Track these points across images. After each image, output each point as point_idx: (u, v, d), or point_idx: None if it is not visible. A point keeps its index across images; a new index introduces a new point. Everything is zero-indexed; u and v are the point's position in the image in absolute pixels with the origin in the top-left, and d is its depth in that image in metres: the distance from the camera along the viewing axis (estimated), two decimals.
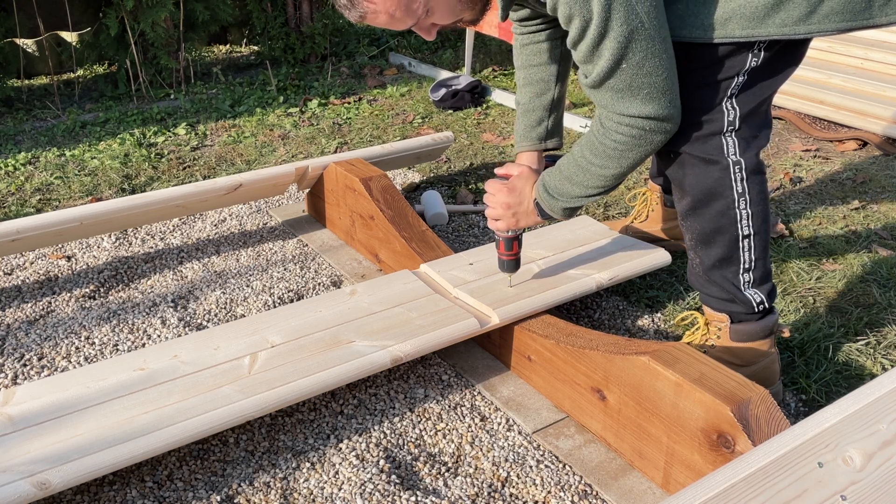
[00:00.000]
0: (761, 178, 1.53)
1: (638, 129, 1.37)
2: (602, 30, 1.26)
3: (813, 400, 1.69)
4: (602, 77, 1.33)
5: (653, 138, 1.39)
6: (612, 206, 2.61)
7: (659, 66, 1.31)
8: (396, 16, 1.35)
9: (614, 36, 1.27)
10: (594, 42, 1.29)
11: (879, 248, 2.30)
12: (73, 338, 1.87)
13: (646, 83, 1.32)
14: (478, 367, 1.77)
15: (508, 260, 1.73)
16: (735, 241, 1.53)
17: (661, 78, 1.32)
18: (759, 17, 1.34)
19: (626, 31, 1.26)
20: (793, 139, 3.27)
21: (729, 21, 1.35)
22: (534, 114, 1.79)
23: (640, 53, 1.29)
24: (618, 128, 1.39)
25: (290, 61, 4.41)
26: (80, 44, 3.79)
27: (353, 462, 1.49)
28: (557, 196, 1.53)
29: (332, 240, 2.39)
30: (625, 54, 1.29)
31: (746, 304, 1.58)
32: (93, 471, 1.26)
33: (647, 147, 1.41)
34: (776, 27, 1.35)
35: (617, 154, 1.42)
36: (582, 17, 1.26)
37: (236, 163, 3.02)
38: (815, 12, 1.33)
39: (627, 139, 1.39)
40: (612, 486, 1.44)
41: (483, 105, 3.73)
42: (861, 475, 1.03)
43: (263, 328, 1.63)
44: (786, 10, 1.33)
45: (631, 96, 1.34)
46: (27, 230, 2.01)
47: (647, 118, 1.36)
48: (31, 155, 3.05)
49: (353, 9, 1.35)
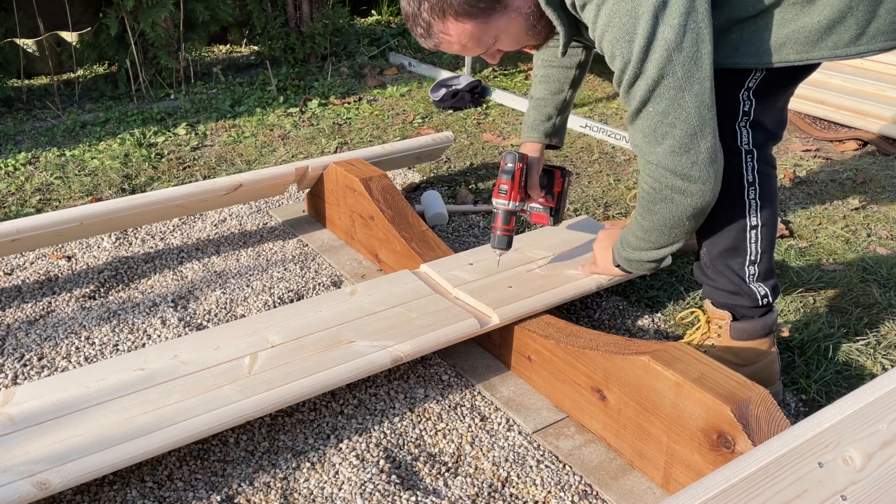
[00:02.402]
0: (772, 172, 1.56)
1: (658, 182, 1.40)
2: (637, 71, 1.30)
3: (813, 400, 1.69)
4: (632, 116, 1.38)
5: (672, 196, 1.40)
6: (613, 206, 2.61)
7: (684, 121, 1.32)
8: (468, 46, 1.45)
9: (645, 78, 1.30)
10: (630, 82, 1.33)
11: (879, 248, 2.30)
12: (73, 338, 1.87)
13: (669, 133, 1.34)
14: (478, 367, 1.77)
15: (502, 235, 1.74)
16: (743, 230, 1.55)
17: (686, 134, 1.33)
18: (813, 42, 1.36)
19: (656, 76, 1.29)
20: (793, 139, 3.27)
21: (783, 47, 1.37)
22: (546, 109, 1.87)
23: (666, 102, 1.31)
24: (644, 175, 1.43)
25: (290, 61, 4.41)
26: (80, 44, 3.79)
27: (353, 462, 1.49)
28: (625, 244, 1.62)
29: (332, 240, 2.39)
30: (651, 98, 1.32)
31: (751, 296, 1.59)
32: (93, 471, 1.26)
33: (669, 206, 1.42)
34: (829, 50, 1.37)
35: (645, 203, 1.46)
36: (622, 58, 1.30)
37: (236, 163, 3.02)
38: (864, 34, 1.36)
39: (650, 189, 1.43)
40: (612, 486, 1.44)
41: (483, 105, 3.73)
42: (861, 475, 1.03)
43: (263, 328, 1.63)
44: (837, 34, 1.35)
45: (656, 143, 1.37)
46: (27, 230, 2.01)
47: (666, 170, 1.38)
48: (31, 155, 3.05)
49: (430, 38, 1.45)
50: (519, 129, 3.39)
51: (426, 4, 1.39)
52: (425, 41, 1.47)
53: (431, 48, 1.49)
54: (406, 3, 1.43)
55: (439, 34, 1.43)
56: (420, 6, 1.40)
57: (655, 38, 1.26)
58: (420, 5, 1.40)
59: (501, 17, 1.41)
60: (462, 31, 1.41)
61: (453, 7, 1.38)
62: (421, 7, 1.40)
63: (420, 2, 1.40)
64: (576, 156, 3.06)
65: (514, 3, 1.41)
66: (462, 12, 1.38)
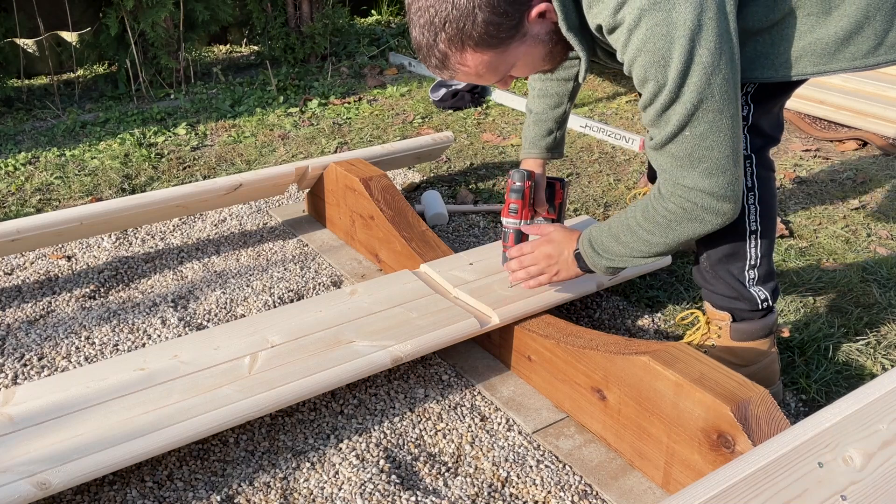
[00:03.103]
0: (770, 176, 1.56)
1: (690, 203, 1.37)
2: (674, 96, 1.27)
3: (813, 400, 1.69)
4: (664, 141, 1.34)
5: (704, 216, 1.38)
6: (613, 205, 2.61)
7: (721, 143, 1.30)
8: (484, 75, 1.40)
9: (683, 102, 1.27)
10: (663, 107, 1.29)
11: (879, 248, 2.30)
12: (73, 338, 1.87)
13: (706, 156, 1.32)
14: (478, 367, 1.77)
15: None
16: (742, 235, 1.55)
17: (723, 155, 1.31)
18: (830, 54, 1.35)
19: (696, 99, 1.26)
20: (793, 139, 3.27)
21: (800, 59, 1.36)
22: (545, 124, 1.88)
23: (705, 125, 1.29)
24: (672, 197, 1.38)
25: (290, 61, 4.41)
26: (80, 44, 3.79)
27: (353, 462, 1.49)
28: (602, 252, 1.53)
29: (332, 240, 2.39)
30: (689, 122, 1.29)
31: (751, 301, 1.59)
32: (93, 471, 1.26)
33: (697, 225, 1.39)
34: (846, 61, 1.36)
35: (665, 223, 1.41)
36: (656, 82, 1.27)
37: (236, 163, 3.02)
38: (882, 44, 1.35)
39: (679, 210, 1.39)
40: (612, 486, 1.44)
41: (483, 105, 3.73)
42: (861, 475, 1.03)
43: (263, 328, 1.63)
44: (855, 45, 1.34)
45: (690, 167, 1.34)
46: (27, 230, 2.01)
47: (702, 192, 1.35)
48: (31, 155, 3.05)
49: (445, 69, 1.39)
50: (519, 129, 3.39)
51: (443, 35, 1.31)
52: (440, 72, 1.41)
53: (446, 79, 1.45)
54: (419, 33, 1.34)
55: (456, 65, 1.37)
56: (436, 37, 1.32)
57: (693, 62, 1.23)
58: (436, 36, 1.32)
59: (520, 45, 1.35)
60: (480, 61, 1.35)
61: (473, 38, 1.31)
62: (437, 38, 1.32)
63: (436, 33, 1.32)
64: (576, 156, 3.06)
65: (532, 30, 1.35)
66: (481, 43, 1.31)
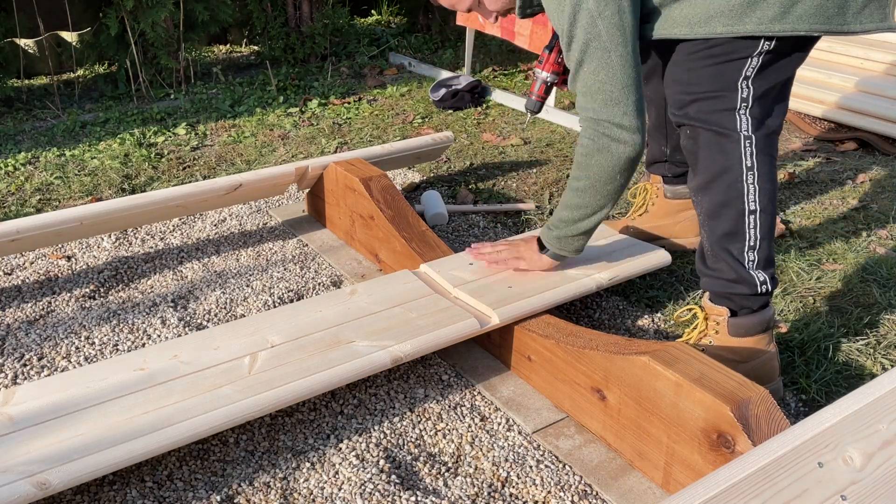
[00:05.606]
0: (771, 160, 1.61)
1: (596, 132, 1.53)
2: (569, 38, 1.50)
3: (813, 400, 1.69)
4: (572, 79, 1.55)
5: (609, 145, 1.52)
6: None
7: (612, 78, 1.48)
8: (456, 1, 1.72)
9: (576, 41, 1.49)
10: (566, 48, 1.52)
11: (879, 248, 2.30)
12: (73, 338, 1.87)
13: (601, 89, 1.50)
14: (478, 367, 1.77)
15: (535, 100, 1.91)
16: (741, 215, 1.59)
17: (616, 88, 1.49)
18: (738, 15, 1.48)
19: (584, 39, 1.47)
20: (793, 139, 3.27)
21: (711, 19, 1.50)
22: None
23: (596, 62, 1.48)
24: (584, 132, 1.56)
25: (290, 61, 4.41)
26: (80, 44, 3.79)
27: (353, 462, 1.49)
28: (552, 227, 1.72)
29: (332, 240, 2.39)
30: (583, 59, 1.49)
31: (750, 283, 1.60)
32: (93, 471, 1.26)
33: (606, 156, 1.54)
34: (754, 25, 1.48)
35: (583, 161, 1.57)
36: (559, 28, 1.51)
37: (236, 163, 3.02)
38: (788, 13, 1.47)
39: (589, 142, 1.55)
40: (612, 486, 1.44)
41: (483, 105, 3.73)
42: (861, 475, 1.03)
43: (263, 328, 1.63)
44: (761, 10, 1.47)
45: (592, 99, 1.52)
46: (27, 230, 2.01)
47: (604, 121, 1.51)
48: (31, 155, 3.05)
49: None
50: (519, 129, 3.39)
51: None
52: None
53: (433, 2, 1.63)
54: None
55: None
56: None
57: (580, 8, 1.45)
58: None
59: None
60: None
61: None
62: None
63: None
64: None
65: None
66: None
